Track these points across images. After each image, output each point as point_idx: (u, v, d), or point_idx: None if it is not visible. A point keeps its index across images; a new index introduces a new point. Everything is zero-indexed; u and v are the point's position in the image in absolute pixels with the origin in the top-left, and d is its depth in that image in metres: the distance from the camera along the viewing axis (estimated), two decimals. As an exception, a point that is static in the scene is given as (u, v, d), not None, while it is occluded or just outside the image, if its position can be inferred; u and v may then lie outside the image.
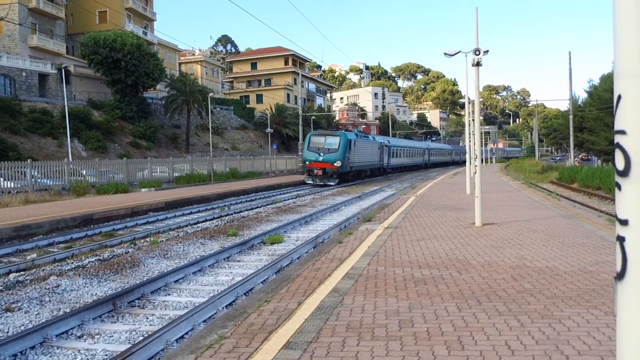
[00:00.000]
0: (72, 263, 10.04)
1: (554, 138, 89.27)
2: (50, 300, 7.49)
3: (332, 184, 32.53)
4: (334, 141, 33.33)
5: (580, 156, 66.35)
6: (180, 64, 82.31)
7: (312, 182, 33.19)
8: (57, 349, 5.79)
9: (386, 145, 46.44)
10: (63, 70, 45.98)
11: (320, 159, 32.53)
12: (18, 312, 6.94)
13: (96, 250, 11.50)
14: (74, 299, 7.62)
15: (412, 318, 5.02)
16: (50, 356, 5.64)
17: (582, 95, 59.87)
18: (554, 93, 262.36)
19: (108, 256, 10.69)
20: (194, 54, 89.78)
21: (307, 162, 33.21)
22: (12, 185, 22.01)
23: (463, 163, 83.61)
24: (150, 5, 69.80)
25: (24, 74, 46.47)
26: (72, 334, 6.19)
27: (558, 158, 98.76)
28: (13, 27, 48.99)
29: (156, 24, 70.39)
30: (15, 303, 7.25)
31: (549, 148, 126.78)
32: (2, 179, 21.95)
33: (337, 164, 32.39)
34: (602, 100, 45.05)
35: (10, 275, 9.05)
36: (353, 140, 35.17)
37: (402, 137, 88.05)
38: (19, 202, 18.80)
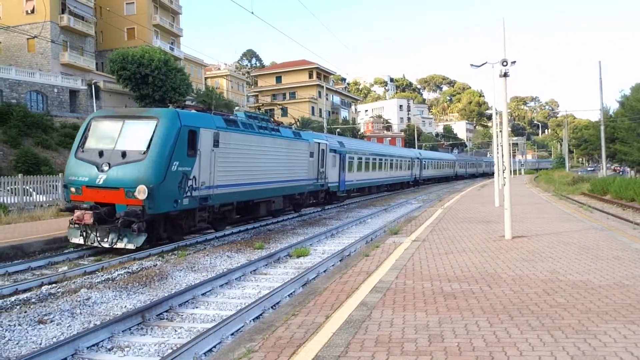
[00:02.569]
0: (102, 276, 10.17)
1: (585, 149, 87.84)
2: (81, 313, 7.59)
3: (130, 246, 12.39)
4: (140, 131, 13.05)
5: (613, 167, 64.91)
6: (206, 78, 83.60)
7: (77, 239, 12.83)
8: (88, 361, 5.85)
9: (334, 150, 26.62)
10: (93, 86, 47.15)
11: (100, 180, 12.54)
12: (50, 324, 7.05)
13: (125, 263, 11.64)
14: (104, 312, 7.71)
15: (442, 332, 4.93)
16: (81, 368, 5.70)
17: (613, 106, 58.81)
18: (584, 103, 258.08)
19: (137, 269, 10.81)
20: (219, 69, 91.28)
21: (72, 188, 12.94)
22: (44, 199, 22.50)
23: (469, 177, 78.05)
24: (177, 21, 71.24)
25: (55, 90, 47.78)
26: (102, 346, 6.26)
27: (589, 169, 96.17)
28: (45, 45, 50.47)
29: (183, 40, 71.83)
30: (47, 315, 7.37)
31: (581, 159, 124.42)
32: (35, 193, 22.47)
33: (140, 193, 12.11)
34: (634, 111, 44.21)
35: (43, 287, 9.21)
36: (212, 132, 14.61)
37: (428, 149, 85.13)
38: (50, 216, 19.19)
